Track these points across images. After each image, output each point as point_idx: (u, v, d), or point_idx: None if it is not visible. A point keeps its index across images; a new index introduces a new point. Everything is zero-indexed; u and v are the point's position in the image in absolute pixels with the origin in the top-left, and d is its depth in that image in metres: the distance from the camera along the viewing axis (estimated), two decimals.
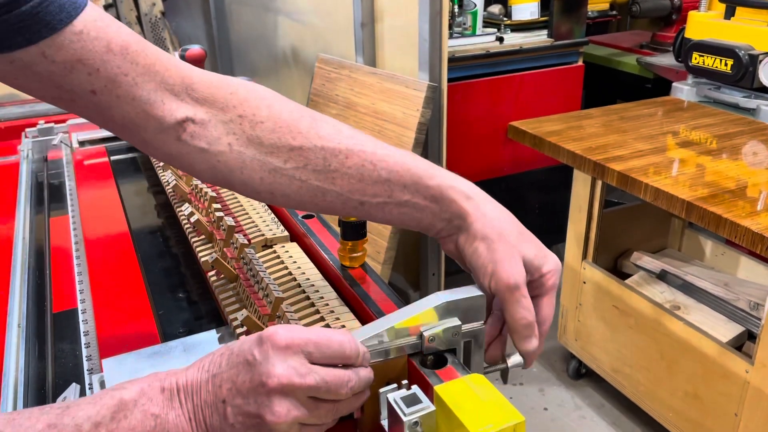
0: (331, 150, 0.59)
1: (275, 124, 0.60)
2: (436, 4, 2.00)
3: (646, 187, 1.56)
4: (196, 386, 0.47)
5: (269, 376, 0.45)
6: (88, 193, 1.17)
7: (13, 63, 0.52)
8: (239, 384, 0.46)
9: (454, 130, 2.26)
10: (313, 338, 0.48)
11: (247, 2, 3.20)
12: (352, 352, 0.49)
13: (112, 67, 0.55)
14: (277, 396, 0.45)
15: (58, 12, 0.52)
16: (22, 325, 0.82)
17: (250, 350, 0.47)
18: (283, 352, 0.46)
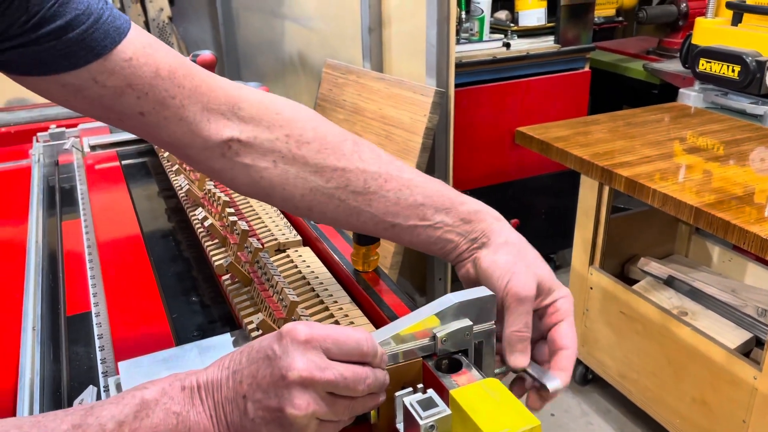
0: (372, 173, 0.63)
1: (321, 145, 0.62)
2: (443, 9, 2.01)
3: (653, 193, 1.56)
4: (216, 383, 0.48)
5: (290, 369, 0.46)
6: (99, 197, 1.18)
7: (65, 87, 0.55)
8: (260, 379, 0.47)
9: (461, 135, 2.27)
10: (332, 334, 0.48)
11: (254, 7, 3.22)
12: (370, 350, 0.50)
13: (159, 91, 0.58)
14: (297, 389, 0.46)
15: (103, 39, 0.54)
16: (36, 328, 0.83)
17: (270, 345, 0.48)
18: (303, 347, 0.47)
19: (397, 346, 0.57)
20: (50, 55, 0.54)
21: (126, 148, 1.42)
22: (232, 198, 0.94)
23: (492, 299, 0.57)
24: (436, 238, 0.64)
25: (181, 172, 1.02)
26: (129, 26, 0.57)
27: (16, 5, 0.51)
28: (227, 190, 0.97)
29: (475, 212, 0.64)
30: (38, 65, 0.55)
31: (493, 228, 0.64)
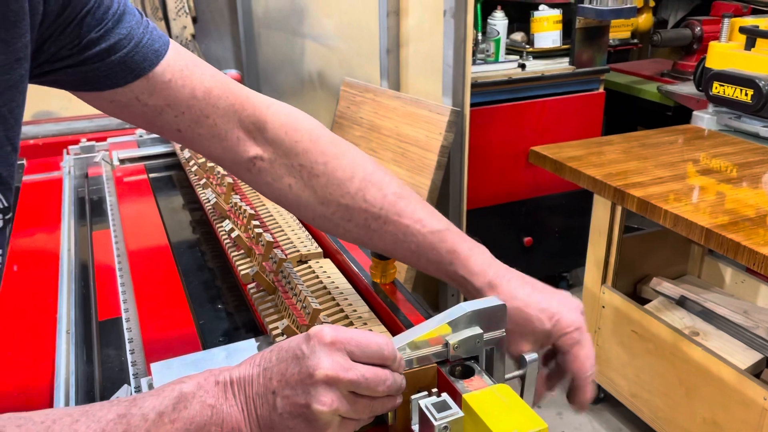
0: (373, 214, 0.67)
1: (328, 181, 0.68)
2: (460, 31, 2.06)
3: (665, 214, 1.58)
4: (248, 379, 0.52)
5: (317, 368, 0.50)
6: (128, 208, 1.23)
7: (113, 102, 0.62)
8: (288, 376, 0.51)
9: (476, 153, 2.31)
10: (356, 338, 0.52)
11: (275, 26, 3.30)
12: (390, 354, 0.54)
13: (195, 111, 0.63)
14: (322, 386, 0.50)
15: (142, 61, 0.60)
16: (71, 331, 0.88)
17: (298, 346, 0.52)
18: (329, 348, 0.51)
19: (413, 352, 0.61)
20: (95, 75, 0.59)
21: (153, 162, 1.48)
22: (257, 212, 0.98)
23: (502, 309, 0.61)
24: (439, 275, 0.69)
25: (209, 186, 1.07)
26: (167, 49, 0.63)
27: (69, 30, 0.56)
28: (252, 204, 1.01)
29: (461, 277, 0.68)
30: (85, 83, 0.60)
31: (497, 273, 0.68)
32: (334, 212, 0.68)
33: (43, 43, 0.56)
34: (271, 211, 1.02)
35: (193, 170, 1.19)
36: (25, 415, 0.46)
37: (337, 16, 2.73)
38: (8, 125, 0.53)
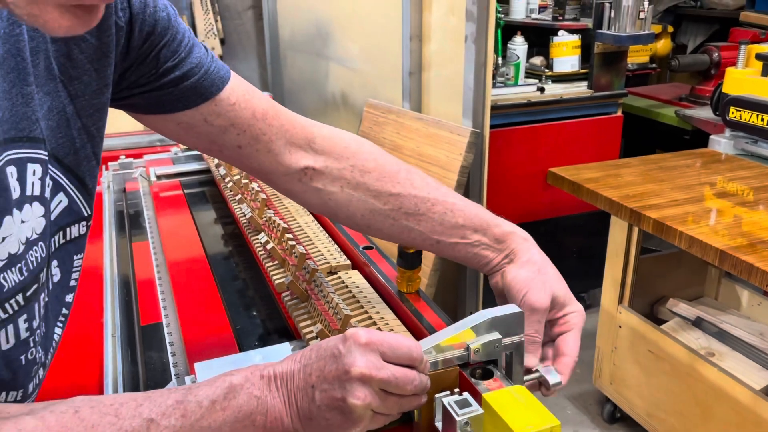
0: (422, 198, 0.75)
1: (380, 174, 0.75)
2: (481, 55, 2.13)
3: (680, 235, 1.62)
4: (289, 374, 0.57)
5: (353, 366, 0.55)
6: (166, 221, 1.30)
7: (180, 124, 0.70)
8: (326, 372, 0.56)
9: (495, 174, 2.36)
10: (388, 340, 0.57)
11: (301, 49, 3.40)
12: (418, 356, 0.59)
13: (255, 130, 0.71)
14: (357, 383, 0.55)
15: (210, 86, 0.68)
16: (116, 335, 0.94)
17: (335, 345, 0.57)
18: (363, 348, 0.56)
19: (437, 355, 0.66)
20: (168, 99, 0.67)
21: (187, 178, 1.56)
22: (289, 226, 1.05)
23: (520, 316, 0.66)
24: (473, 254, 0.76)
25: (244, 201, 1.14)
26: (230, 75, 0.71)
27: (149, 61, 0.64)
28: (285, 218, 1.08)
29: (507, 233, 0.76)
30: (158, 106, 0.68)
31: (521, 248, 0.75)
32: (386, 202, 0.75)
33: (125, 72, 0.64)
34: (302, 226, 1.08)
35: (229, 186, 1.26)
36: (96, 398, 0.52)
37: (362, 40, 2.82)
38: (95, 142, 0.61)
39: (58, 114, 0.57)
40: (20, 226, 0.53)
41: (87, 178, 0.61)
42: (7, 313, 0.53)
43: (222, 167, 1.39)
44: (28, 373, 0.58)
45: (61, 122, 0.58)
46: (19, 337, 0.55)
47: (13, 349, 0.55)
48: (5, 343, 0.54)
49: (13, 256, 0.52)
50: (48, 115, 0.56)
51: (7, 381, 0.55)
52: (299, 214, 1.14)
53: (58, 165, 0.58)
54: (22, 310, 0.55)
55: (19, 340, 0.55)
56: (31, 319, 0.56)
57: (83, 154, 0.60)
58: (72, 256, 0.63)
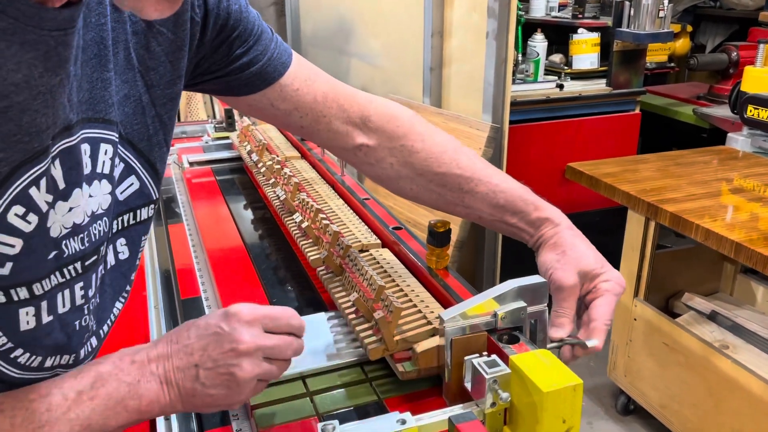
0: (466, 178, 0.81)
1: (427, 155, 0.81)
2: (501, 52, 2.17)
3: (696, 228, 1.66)
4: (166, 356, 0.60)
5: (240, 342, 0.59)
6: (200, 205, 1.36)
7: (251, 106, 0.77)
8: (210, 351, 0.59)
9: (513, 169, 2.40)
10: (269, 313, 0.63)
11: (323, 45, 3.46)
12: (298, 323, 0.65)
13: (315, 112, 0.78)
14: (245, 357, 0.59)
15: (273, 72, 0.74)
16: (159, 307, 1.00)
17: (217, 324, 0.61)
18: (248, 325, 0.61)
19: (465, 321, 0.71)
20: (236, 84, 0.74)
21: (218, 165, 1.62)
22: (322, 208, 1.10)
23: (544, 285, 0.71)
24: (512, 233, 0.83)
25: (278, 185, 1.20)
26: (291, 60, 0.77)
27: (222, 50, 0.70)
28: (316, 201, 1.13)
29: (542, 220, 0.81)
30: (228, 90, 0.75)
31: (549, 233, 0.81)
32: (430, 180, 0.81)
33: (199, 61, 0.70)
34: (333, 208, 1.13)
35: (261, 171, 1.32)
36: None
37: (383, 36, 2.87)
38: (167, 130, 0.66)
39: (134, 101, 0.62)
40: (88, 199, 0.57)
41: (158, 164, 0.66)
42: (65, 278, 0.56)
43: (254, 154, 1.45)
44: (80, 339, 0.61)
45: (137, 109, 0.62)
46: (75, 303, 0.58)
47: (68, 313, 0.58)
48: (61, 307, 0.57)
49: (77, 226, 0.56)
50: (124, 101, 0.61)
51: (61, 345, 0.58)
52: (330, 197, 1.20)
53: (132, 149, 0.62)
54: (79, 277, 0.58)
55: (74, 305, 0.58)
56: (87, 288, 0.59)
57: (156, 140, 0.65)
58: (141, 236, 0.67)
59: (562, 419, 0.63)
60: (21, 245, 0.51)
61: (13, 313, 0.53)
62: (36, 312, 0.54)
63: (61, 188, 0.54)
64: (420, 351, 0.73)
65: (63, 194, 0.54)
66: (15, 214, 0.50)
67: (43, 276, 0.54)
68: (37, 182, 0.51)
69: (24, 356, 0.55)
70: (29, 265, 0.52)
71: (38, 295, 0.54)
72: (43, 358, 0.57)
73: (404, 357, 0.76)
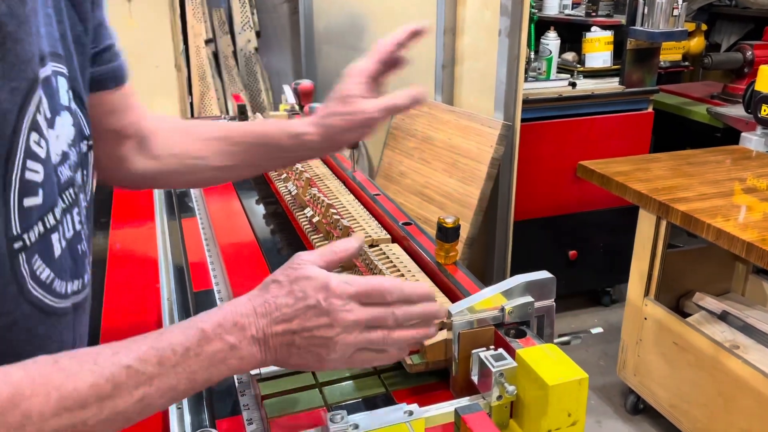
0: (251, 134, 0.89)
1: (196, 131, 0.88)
2: (514, 50, 2.17)
3: (708, 227, 1.65)
4: (267, 321, 0.59)
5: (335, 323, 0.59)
6: (212, 200, 1.38)
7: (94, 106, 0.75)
8: (306, 321, 0.59)
9: (525, 166, 2.41)
10: (365, 287, 0.61)
11: (336, 42, 3.48)
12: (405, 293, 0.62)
13: None
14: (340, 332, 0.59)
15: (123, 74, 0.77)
16: (171, 299, 1.02)
17: (315, 297, 0.59)
18: (345, 299, 0.59)
19: (472, 315, 0.72)
20: (101, 73, 0.73)
21: None
22: (332, 203, 1.11)
23: (552, 281, 0.72)
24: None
25: (290, 180, 1.21)
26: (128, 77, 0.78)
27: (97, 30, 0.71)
28: (327, 196, 1.14)
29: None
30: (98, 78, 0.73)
31: None
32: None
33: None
34: (344, 204, 1.15)
35: None
36: (76, 350, 0.55)
37: None
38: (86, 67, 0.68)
39: (69, 38, 0.64)
40: (64, 128, 0.60)
41: (87, 101, 0.67)
42: (66, 203, 0.59)
43: None
44: (83, 265, 0.63)
45: (75, 47, 0.64)
46: (75, 228, 0.61)
47: (73, 238, 0.61)
48: (68, 232, 0.59)
49: (65, 154, 0.59)
50: (64, 37, 0.63)
51: (71, 269, 0.61)
52: (340, 193, 1.21)
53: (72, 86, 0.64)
54: (74, 203, 0.61)
55: (75, 231, 0.61)
56: (80, 214, 0.63)
57: (86, 77, 0.67)
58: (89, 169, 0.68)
59: (568, 413, 0.64)
60: (42, 171, 0.54)
61: (48, 242, 0.56)
62: (59, 238, 0.58)
63: (49, 117, 0.57)
64: (428, 344, 0.74)
65: (51, 122, 0.57)
66: (33, 141, 0.53)
67: (56, 202, 0.57)
68: (39, 110, 0.54)
69: (59, 284, 0.58)
70: (49, 192, 0.55)
71: (58, 220, 0.57)
72: (65, 284, 0.60)
73: (412, 350, 0.77)
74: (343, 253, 0.67)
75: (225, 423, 0.73)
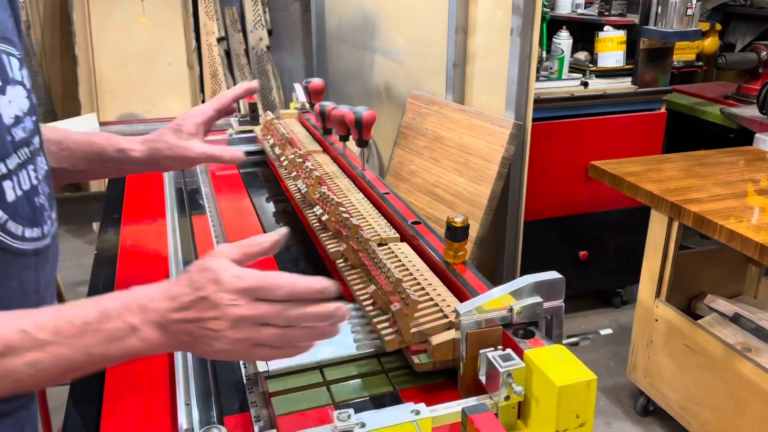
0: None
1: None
2: (526, 49, 2.16)
3: (720, 229, 1.64)
4: (167, 307, 0.61)
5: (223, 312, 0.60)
6: (223, 197, 1.38)
7: None
8: (199, 312, 0.60)
9: (536, 166, 2.40)
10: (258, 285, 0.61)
11: (347, 40, 3.48)
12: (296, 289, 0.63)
13: None
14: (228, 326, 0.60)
15: None
16: None
17: (205, 288, 0.61)
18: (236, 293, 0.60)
19: (480, 315, 0.72)
20: None
21: None
22: (342, 201, 1.11)
23: (561, 281, 0.72)
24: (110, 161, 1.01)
25: (299, 178, 1.21)
26: None
27: None
28: (336, 195, 1.14)
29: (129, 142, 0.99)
30: None
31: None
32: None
33: None
34: (353, 202, 1.15)
35: (284, 165, 1.34)
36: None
37: (407, 32, 2.87)
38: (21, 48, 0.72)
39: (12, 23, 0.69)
40: (18, 98, 0.66)
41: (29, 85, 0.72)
42: (21, 159, 0.66)
43: (277, 147, 1.46)
44: (42, 216, 0.69)
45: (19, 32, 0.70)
46: (32, 182, 0.68)
47: (30, 191, 0.67)
48: (24, 184, 0.66)
49: (17, 117, 0.65)
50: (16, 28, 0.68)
51: (29, 216, 0.67)
52: (350, 191, 1.21)
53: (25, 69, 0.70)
54: (29, 161, 0.67)
55: (32, 185, 0.68)
56: (36, 170, 0.69)
57: (27, 62, 0.72)
58: None
59: (576, 414, 0.63)
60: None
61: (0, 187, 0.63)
62: (12, 186, 0.64)
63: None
64: (435, 343, 0.74)
65: (2, 90, 0.64)
66: None
67: (9, 155, 0.64)
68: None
69: (13, 225, 0.64)
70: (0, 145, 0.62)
71: (11, 169, 0.64)
72: (22, 228, 0.66)
73: (420, 349, 0.77)
74: (260, 246, 0.69)
75: (233, 420, 0.74)
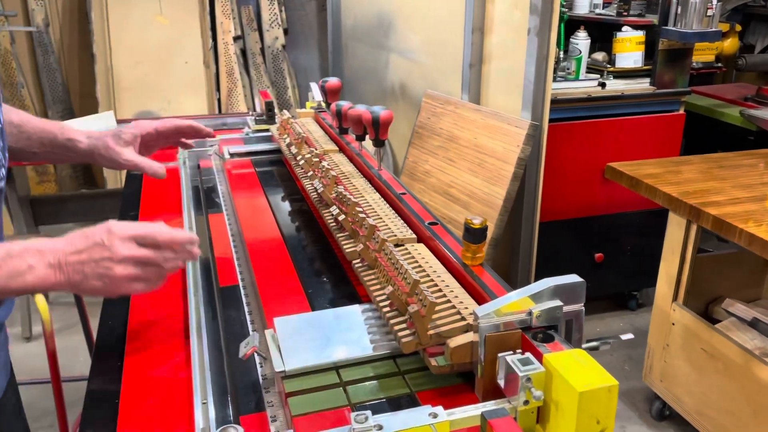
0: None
1: None
2: (543, 49, 2.15)
3: (740, 233, 1.62)
4: (63, 252, 0.78)
5: (116, 254, 0.79)
6: (239, 195, 1.38)
7: None
8: (93, 254, 0.79)
9: (552, 167, 2.38)
10: (140, 233, 0.81)
11: (362, 39, 3.47)
12: (163, 239, 0.82)
13: None
14: (117, 263, 0.79)
15: None
16: (198, 294, 1.02)
17: (100, 236, 0.79)
18: (122, 240, 0.79)
19: (499, 318, 0.71)
20: None
21: (258, 157, 1.64)
22: (358, 201, 1.11)
23: (581, 285, 0.71)
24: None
25: (315, 177, 1.21)
26: None
27: None
28: (353, 194, 1.14)
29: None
30: None
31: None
32: None
33: None
34: (369, 202, 1.14)
35: (300, 164, 1.34)
36: None
37: (423, 32, 2.87)
38: None
39: None
40: None
41: None
42: None
43: (293, 146, 1.46)
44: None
45: None
46: None
47: None
48: None
49: None
50: None
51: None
52: (366, 191, 1.21)
53: None
54: None
55: None
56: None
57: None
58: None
59: (596, 420, 0.62)
60: None
61: None
62: None
63: None
64: (453, 346, 0.74)
65: None
66: None
67: None
68: None
69: None
70: None
71: None
72: None
73: (437, 351, 0.76)
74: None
75: (249, 419, 0.74)
